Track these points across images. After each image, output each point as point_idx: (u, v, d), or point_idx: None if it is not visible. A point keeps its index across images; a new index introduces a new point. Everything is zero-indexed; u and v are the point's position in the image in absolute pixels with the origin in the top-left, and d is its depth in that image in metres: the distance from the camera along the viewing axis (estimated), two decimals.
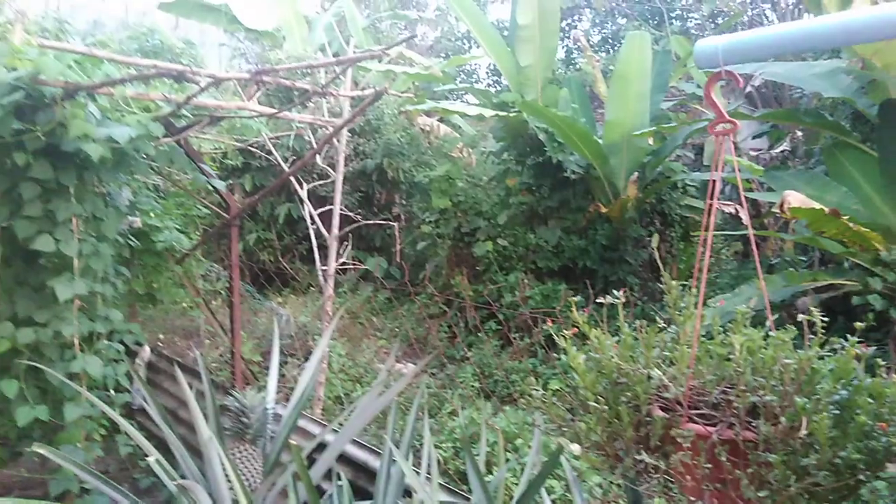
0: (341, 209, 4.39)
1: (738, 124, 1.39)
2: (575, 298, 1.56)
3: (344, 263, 4.54)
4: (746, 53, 1.18)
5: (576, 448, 1.34)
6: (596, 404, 1.37)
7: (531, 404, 1.56)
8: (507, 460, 3.93)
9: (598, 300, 1.55)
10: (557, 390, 5.51)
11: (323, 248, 4.66)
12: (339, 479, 2.82)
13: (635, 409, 1.38)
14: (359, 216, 4.76)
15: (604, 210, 7.56)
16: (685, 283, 5.41)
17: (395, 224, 7.76)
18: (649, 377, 1.34)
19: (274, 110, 3.29)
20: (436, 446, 4.35)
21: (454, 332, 7.41)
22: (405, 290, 8.25)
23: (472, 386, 6.06)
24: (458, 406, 5.24)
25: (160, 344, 6.45)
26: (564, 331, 1.56)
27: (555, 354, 5.66)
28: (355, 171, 9.65)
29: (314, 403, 4.49)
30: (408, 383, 2.91)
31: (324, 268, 4.44)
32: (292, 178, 4.06)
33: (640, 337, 1.45)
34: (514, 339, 6.60)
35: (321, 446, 2.83)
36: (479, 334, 7.19)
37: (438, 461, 4.23)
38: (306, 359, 6.11)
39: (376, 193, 10.07)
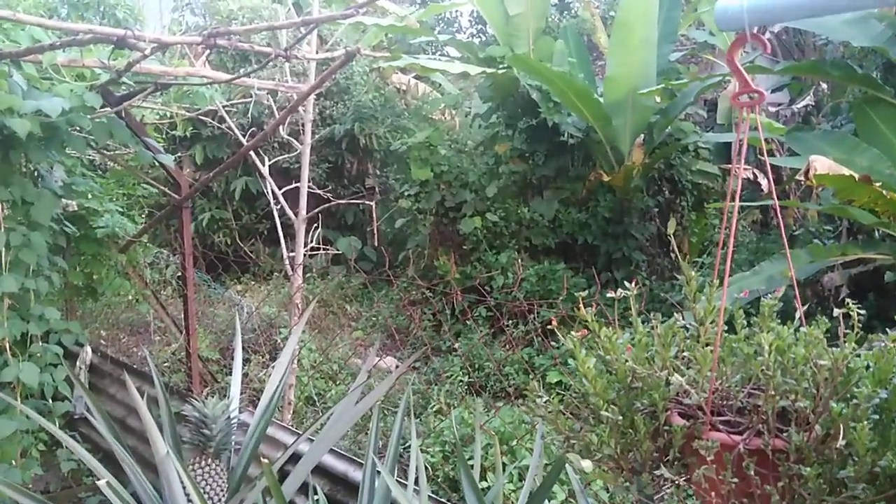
0: (309, 186, 4.35)
1: (765, 94, 1.39)
2: (582, 292, 1.57)
3: (313, 248, 4.52)
4: (776, 13, 1.16)
5: (587, 464, 1.36)
6: (608, 413, 1.38)
7: (533, 412, 1.57)
8: (505, 465, 3.98)
9: (604, 290, 1.55)
10: (558, 384, 5.59)
11: (288, 228, 4.63)
12: (316, 493, 2.84)
13: (652, 418, 1.39)
14: (329, 195, 4.73)
15: (606, 178, 7.59)
16: (698, 259, 5.46)
17: (370, 199, 7.71)
18: (667, 381, 1.35)
19: (229, 76, 3.24)
20: (422, 450, 4.38)
21: (439, 320, 7.44)
22: (383, 275, 8.24)
23: (461, 381, 6.11)
24: (445, 404, 5.28)
25: (103, 343, 6.41)
26: (569, 330, 1.56)
27: (553, 343, 5.71)
28: (322, 139, 9.57)
29: (284, 407, 4.50)
30: (393, 382, 2.91)
31: (291, 254, 4.41)
32: (251, 153, 4.01)
33: (656, 334, 1.46)
34: (507, 326, 6.64)
35: (294, 457, 2.83)
36: (468, 322, 7.23)
37: (426, 467, 4.26)
38: (272, 355, 6.11)
39: (346, 164, 10.00)
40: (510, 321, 6.79)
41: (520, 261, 7.42)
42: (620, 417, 1.38)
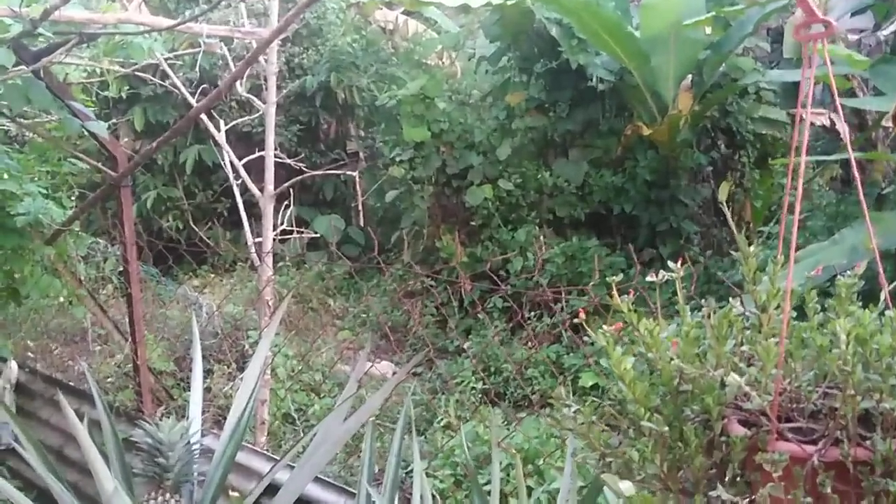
0: (276, 155, 4.37)
1: (835, 25, 1.39)
2: (619, 275, 1.58)
3: (284, 231, 4.54)
4: None
5: (626, 487, 1.38)
6: (651, 423, 1.40)
7: (560, 424, 1.59)
8: (530, 490, 4.03)
9: (648, 270, 1.56)
10: (594, 388, 5.62)
11: (253, 208, 4.65)
12: None
13: (705, 427, 1.41)
14: (302, 165, 4.74)
15: (646, 132, 7.58)
16: (764, 228, 5.47)
17: (353, 168, 7.72)
18: (723, 382, 1.37)
19: (171, 21, 3.23)
20: (428, 475, 4.43)
21: (444, 314, 7.48)
22: (372, 261, 8.26)
23: (473, 388, 6.16)
24: (455, 417, 5.32)
25: (31, 357, 6.45)
26: (601, 322, 1.58)
27: (586, 338, 5.74)
28: (291, 95, 9.56)
29: (257, 428, 4.55)
30: (389, 392, 2.94)
31: (257, 239, 4.44)
32: (203, 116, 4.02)
33: (708, 325, 1.47)
34: (528, 319, 6.67)
35: (271, 489, 2.87)
36: (479, 316, 7.28)
37: (433, 496, 4.31)
38: (240, 365, 6.16)
39: (322, 124, 10.01)
40: (532, 313, 6.82)
41: (542, 238, 7.44)
42: (666, 428, 1.40)
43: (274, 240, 4.52)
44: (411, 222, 8.72)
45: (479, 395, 6.10)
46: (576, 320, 1.61)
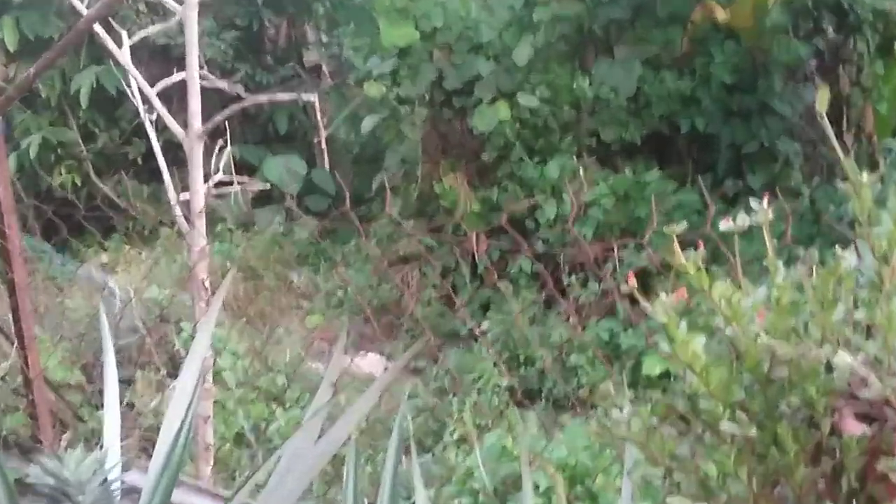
0: (203, 75, 4.35)
1: None
2: (691, 216, 1.58)
3: (221, 182, 4.54)
4: None
5: None
6: (732, 424, 1.41)
7: (609, 432, 1.61)
8: None
9: (733, 209, 1.55)
10: (661, 377, 5.63)
11: (176, 151, 4.65)
12: None
13: (809, 426, 1.42)
14: (241, 88, 4.72)
15: (722, 15, 7.52)
16: (893, 144, 5.47)
17: (313, 88, 7.69)
18: (829, 365, 1.38)
19: None
20: None
21: (450, 286, 7.47)
22: (347, 216, 8.24)
23: (497, 386, 6.18)
24: (473, 426, 5.35)
25: None
26: (667, 285, 1.59)
27: (647, 305, 5.69)
28: None
29: (199, 456, 4.60)
30: (378, 397, 2.95)
31: (183, 195, 4.44)
32: (98, 26, 4.00)
33: (809, 287, 1.48)
34: (568, 287, 6.68)
35: None
36: (499, 286, 7.25)
37: None
38: (170, 369, 6.18)
39: (268, 28, 9.94)
40: (572, 277, 6.82)
41: (582, 173, 7.40)
42: (754, 430, 1.41)
43: (207, 195, 4.51)
44: (398, 160, 8.68)
45: (505, 395, 6.12)
46: (627, 287, 1.59)
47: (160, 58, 8.14)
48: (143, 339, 6.44)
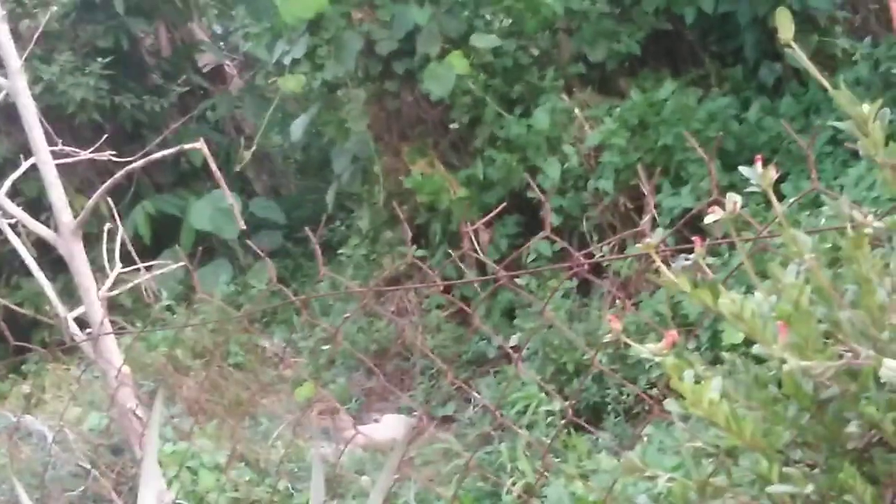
0: (59, 152, 3.83)
1: None
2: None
3: (121, 278, 3.94)
4: None
5: None
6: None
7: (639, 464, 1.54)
8: None
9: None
10: (744, 344, 5.22)
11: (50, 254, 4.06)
12: None
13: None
14: (108, 152, 4.23)
15: None
16: None
17: (216, 91, 7.19)
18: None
19: None
20: None
21: (459, 299, 6.82)
22: (304, 245, 7.51)
23: (550, 413, 5.56)
24: (534, 473, 4.83)
25: None
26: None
27: (712, 259, 5.15)
28: (58, 13, 8.66)
29: None
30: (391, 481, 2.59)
31: (73, 313, 3.85)
32: None
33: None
34: (602, 258, 6.08)
35: None
36: (518, 281, 6.38)
37: None
38: None
39: (141, 39, 8.95)
40: (604, 246, 6.13)
41: (579, 111, 6.66)
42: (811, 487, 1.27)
43: (103, 302, 3.80)
44: (350, 159, 7.97)
45: (559, 419, 5.59)
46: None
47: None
48: (92, 484, 5.66)
